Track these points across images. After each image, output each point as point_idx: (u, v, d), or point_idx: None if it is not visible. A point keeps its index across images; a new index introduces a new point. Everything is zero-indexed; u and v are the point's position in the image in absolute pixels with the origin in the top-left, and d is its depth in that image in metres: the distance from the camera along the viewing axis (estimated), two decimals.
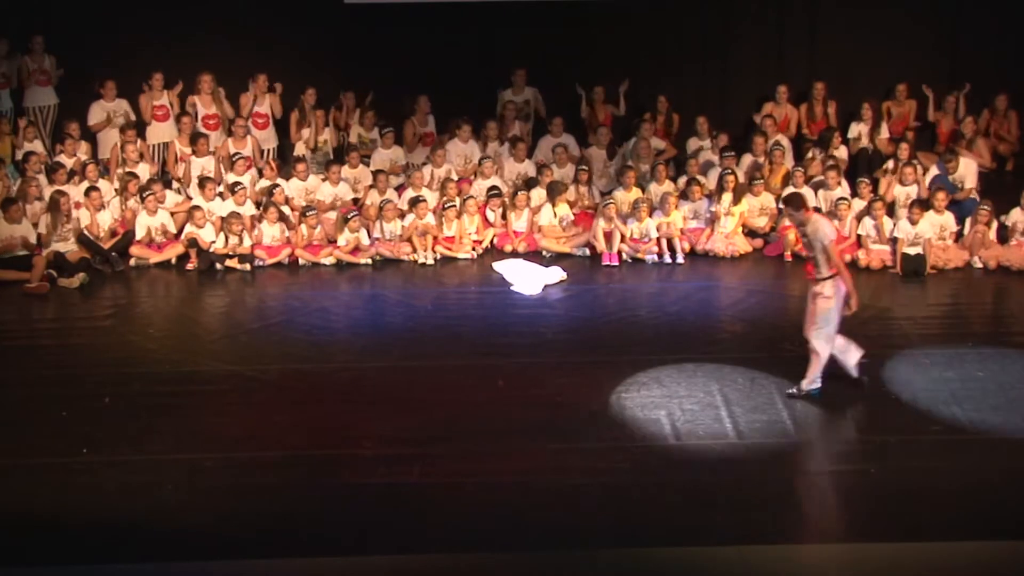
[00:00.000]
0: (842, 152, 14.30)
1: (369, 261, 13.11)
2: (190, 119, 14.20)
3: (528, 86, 14.92)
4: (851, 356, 9.22)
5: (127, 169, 13.70)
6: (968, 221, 13.00)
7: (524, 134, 14.79)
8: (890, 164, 13.96)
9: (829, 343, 9.05)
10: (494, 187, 13.87)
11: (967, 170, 13.75)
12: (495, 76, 14.94)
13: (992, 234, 12.89)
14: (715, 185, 13.78)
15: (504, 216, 13.71)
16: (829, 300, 8.97)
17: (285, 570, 6.91)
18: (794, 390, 9.12)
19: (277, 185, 13.60)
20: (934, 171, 13.82)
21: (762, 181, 13.75)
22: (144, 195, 13.21)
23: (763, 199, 13.67)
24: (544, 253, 13.32)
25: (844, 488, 7.67)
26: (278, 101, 14.56)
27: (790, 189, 13.65)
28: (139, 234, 13.09)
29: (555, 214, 13.45)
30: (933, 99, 14.73)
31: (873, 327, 10.91)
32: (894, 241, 12.73)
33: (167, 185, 13.77)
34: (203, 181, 13.56)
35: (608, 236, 13.12)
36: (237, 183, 13.52)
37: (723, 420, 8.71)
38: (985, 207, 12.98)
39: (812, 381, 9.10)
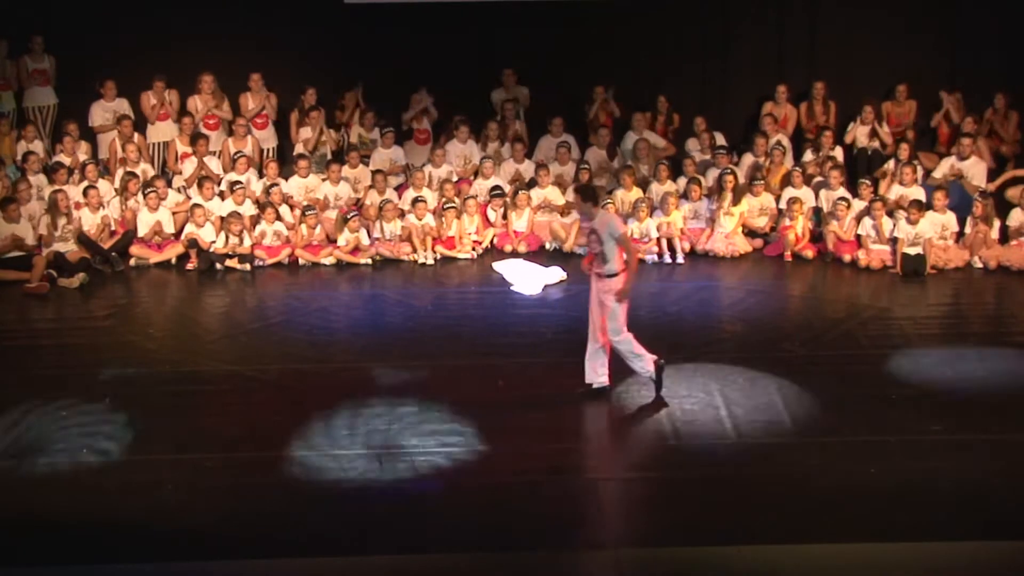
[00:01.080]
0: (838, 153, 14.30)
1: (369, 261, 13.12)
2: (190, 119, 14.21)
3: (519, 85, 14.92)
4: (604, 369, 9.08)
5: (127, 169, 13.72)
6: (968, 221, 13.02)
7: (522, 133, 14.80)
8: (890, 164, 13.98)
9: (624, 333, 8.93)
10: (497, 187, 13.88)
11: (976, 168, 13.78)
12: (494, 76, 14.94)
13: (995, 233, 12.91)
14: (714, 185, 13.80)
15: (505, 216, 13.73)
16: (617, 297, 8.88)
17: (285, 570, 6.90)
18: (650, 378, 9.02)
19: (275, 184, 13.62)
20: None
21: (763, 182, 13.76)
22: (147, 191, 13.23)
23: (763, 199, 13.68)
24: (547, 246, 13.39)
25: (843, 487, 7.66)
26: (273, 104, 14.58)
27: (790, 189, 13.70)
28: (140, 230, 13.10)
29: None
30: (945, 106, 14.68)
31: (873, 327, 10.92)
32: (894, 241, 12.74)
33: (168, 184, 13.79)
34: (202, 180, 13.57)
35: None
36: (237, 183, 13.53)
37: (723, 420, 8.70)
38: (979, 200, 13.01)
39: (645, 370, 8.99)
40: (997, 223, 13.00)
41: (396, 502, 7.53)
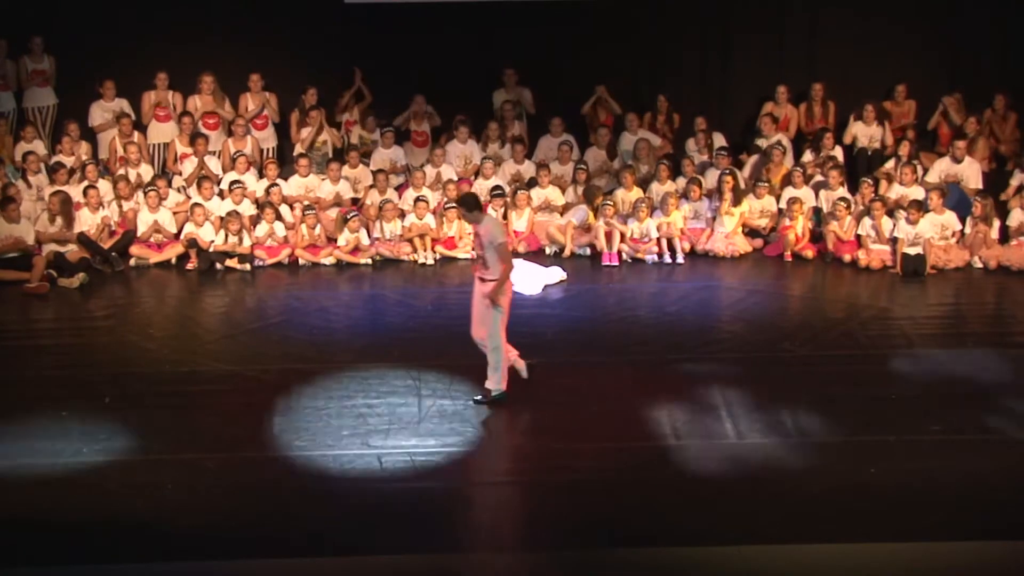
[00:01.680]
0: (838, 153, 14.29)
1: (369, 261, 13.12)
2: (190, 119, 14.21)
3: (519, 86, 14.92)
4: (514, 357, 9.12)
5: (127, 169, 13.71)
6: (968, 221, 13.01)
7: (522, 134, 14.79)
8: (890, 164, 13.98)
9: (501, 343, 8.92)
10: (497, 187, 13.88)
11: (970, 170, 13.77)
12: (494, 76, 14.93)
13: (995, 233, 12.91)
14: (715, 185, 13.80)
15: (505, 216, 13.72)
16: (497, 300, 8.87)
17: (285, 570, 6.91)
18: (480, 396, 8.97)
19: (275, 184, 13.62)
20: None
21: (767, 184, 13.75)
22: (147, 190, 13.23)
23: (763, 200, 13.68)
24: (547, 250, 13.37)
25: (843, 487, 7.67)
26: (273, 104, 14.57)
27: (790, 189, 13.70)
28: (140, 230, 13.10)
29: (590, 215, 13.45)
30: (942, 107, 14.64)
31: (873, 327, 10.93)
32: (894, 241, 12.74)
33: (169, 184, 13.79)
34: (201, 180, 13.57)
35: (608, 236, 13.13)
36: (236, 182, 13.53)
37: (723, 420, 8.70)
38: (979, 200, 13.00)
39: (498, 384, 8.96)
40: (997, 223, 13.00)
41: (396, 502, 7.53)
